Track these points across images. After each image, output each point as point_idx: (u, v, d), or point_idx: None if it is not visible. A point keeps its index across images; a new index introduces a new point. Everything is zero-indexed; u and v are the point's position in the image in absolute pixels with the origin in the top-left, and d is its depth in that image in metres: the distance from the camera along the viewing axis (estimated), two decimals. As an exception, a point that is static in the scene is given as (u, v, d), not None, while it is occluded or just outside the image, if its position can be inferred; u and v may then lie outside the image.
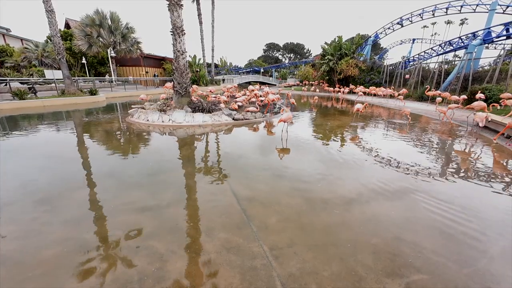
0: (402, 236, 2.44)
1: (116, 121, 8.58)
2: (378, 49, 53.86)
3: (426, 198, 3.23)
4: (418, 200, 3.19)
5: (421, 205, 3.07)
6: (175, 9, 8.18)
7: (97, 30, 21.40)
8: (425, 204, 3.08)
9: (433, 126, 8.19)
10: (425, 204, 3.09)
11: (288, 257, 2.14)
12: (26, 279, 1.89)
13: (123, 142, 6.05)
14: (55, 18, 12.71)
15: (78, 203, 3.04)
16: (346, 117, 9.89)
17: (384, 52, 49.92)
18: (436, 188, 3.53)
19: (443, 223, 2.68)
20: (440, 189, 3.50)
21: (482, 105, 7.47)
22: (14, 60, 21.75)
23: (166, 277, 1.91)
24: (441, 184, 3.67)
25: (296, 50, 71.10)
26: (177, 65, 8.68)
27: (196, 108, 8.53)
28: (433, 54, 20.42)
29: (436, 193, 3.38)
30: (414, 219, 2.77)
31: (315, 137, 6.62)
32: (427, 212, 2.91)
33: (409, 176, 3.91)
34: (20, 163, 4.43)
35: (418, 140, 6.28)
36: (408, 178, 3.84)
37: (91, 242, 2.32)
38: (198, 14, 26.78)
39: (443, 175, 4.00)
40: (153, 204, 3.00)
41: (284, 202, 3.07)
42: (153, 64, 32.44)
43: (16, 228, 2.52)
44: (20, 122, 8.40)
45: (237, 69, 53.05)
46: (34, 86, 13.97)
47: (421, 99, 15.03)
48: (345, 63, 21.26)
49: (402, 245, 2.30)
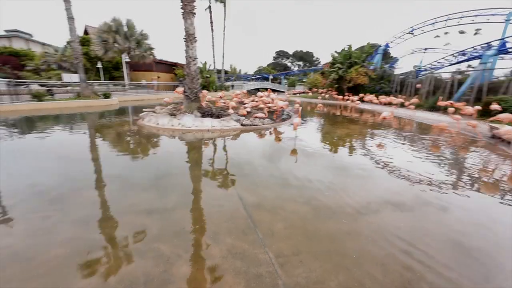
0: (412, 248, 2.36)
1: (127, 124, 8.80)
2: (389, 58, 53.37)
3: (439, 210, 3.13)
4: (429, 213, 3.09)
5: (433, 217, 2.98)
6: (189, 17, 8.43)
7: (113, 37, 22.27)
8: (438, 217, 2.98)
9: (446, 136, 7.98)
10: (437, 216, 3.00)
11: (294, 265, 2.11)
12: (35, 276, 1.94)
13: (133, 145, 6.18)
14: (74, 25, 13.34)
15: (87, 203, 3.11)
16: (355, 125, 9.79)
17: (395, 61, 49.38)
18: (450, 200, 3.42)
19: (456, 237, 2.59)
20: (454, 202, 3.38)
21: (510, 118, 7.17)
22: (35, 64, 22.82)
23: (171, 280, 1.91)
24: (455, 197, 3.55)
25: (305, 58, 71.52)
26: (189, 71, 8.89)
27: (205, 113, 8.65)
28: (446, 64, 20.10)
29: (449, 205, 3.27)
30: (425, 231, 2.68)
31: (323, 145, 6.57)
32: (440, 225, 2.81)
33: (421, 188, 3.80)
34: (34, 162, 4.59)
35: (430, 150, 6.13)
36: (420, 190, 3.74)
37: (99, 242, 2.36)
38: (210, 22, 27.52)
39: (458, 188, 3.87)
40: (160, 206, 3.04)
41: (291, 209, 3.04)
42: (165, 70, 33.25)
43: (28, 226, 2.60)
44: (37, 123, 8.73)
45: (246, 75, 53.72)
46: (52, 88, 14.57)
47: (432, 109, 14.72)
48: (354, 72, 21.16)
49: (412, 258, 2.23)
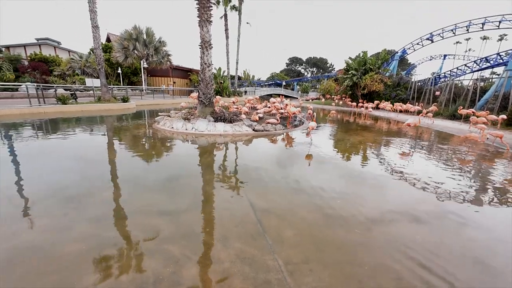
0: (430, 263, 2.24)
1: (143, 127, 9.10)
2: (406, 64, 52.16)
3: (460, 224, 2.97)
4: (449, 226, 2.93)
5: (454, 231, 2.82)
6: (205, 25, 8.70)
7: (133, 44, 23.34)
8: (458, 231, 2.83)
9: (467, 146, 7.60)
10: (458, 230, 2.84)
11: (303, 273, 2.06)
12: (52, 271, 2.02)
13: (148, 147, 6.37)
14: (98, 33, 14.13)
15: (102, 202, 3.22)
16: (369, 132, 9.55)
17: (412, 68, 48.20)
18: (472, 214, 3.23)
19: (479, 253, 2.43)
20: (476, 216, 3.20)
21: None
22: (61, 69, 24.31)
23: (180, 282, 1.93)
24: (478, 211, 3.35)
25: (319, 65, 71.23)
26: (203, 77, 9.11)
27: (218, 118, 8.79)
28: (467, 71, 19.29)
29: (472, 220, 3.09)
30: (445, 246, 2.54)
31: (336, 152, 6.45)
32: (460, 240, 2.66)
33: (440, 199, 3.63)
34: (56, 162, 4.84)
35: (451, 160, 5.85)
36: (439, 201, 3.56)
37: (112, 241, 2.43)
38: (225, 29, 28.15)
39: (481, 202, 3.66)
40: (171, 208, 3.09)
41: (301, 216, 2.99)
42: (181, 75, 34.26)
43: (48, 222, 2.73)
44: (60, 125, 9.23)
45: (259, 81, 54.20)
46: (75, 92, 15.42)
47: (453, 118, 14.10)
48: (369, 78, 20.77)
49: (430, 274, 2.11)
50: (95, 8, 13.64)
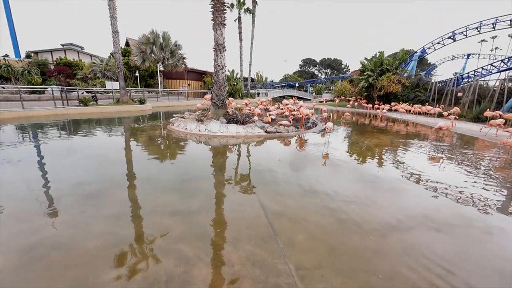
0: (450, 274, 2.12)
1: (158, 128, 9.36)
2: (425, 65, 50.07)
3: (484, 233, 2.79)
4: (472, 235, 2.76)
5: (477, 241, 2.65)
6: (219, 28, 8.83)
7: (150, 48, 24.17)
8: (482, 241, 2.66)
9: (493, 151, 7.14)
10: (481, 240, 2.67)
11: (314, 279, 2.02)
12: (72, 266, 2.12)
13: (163, 148, 6.54)
14: (118, 38, 14.76)
15: (118, 201, 3.34)
16: (384, 135, 9.24)
17: (432, 68, 46.19)
18: (497, 223, 3.03)
19: (505, 264, 2.27)
20: (502, 226, 2.99)
21: None
22: (84, 73, 25.63)
23: (191, 282, 1.95)
24: (504, 220, 3.13)
25: (333, 66, 70.02)
26: (217, 79, 9.24)
27: (230, 120, 8.87)
28: (493, 71, 18.17)
29: (497, 229, 2.89)
30: (466, 256, 2.39)
31: (350, 155, 6.29)
32: (484, 250, 2.49)
33: (462, 207, 3.43)
34: (76, 161, 5.09)
35: (474, 166, 5.52)
36: (461, 209, 3.37)
37: (127, 239, 2.51)
38: (239, 32, 28.46)
39: (508, 210, 3.42)
40: (184, 208, 3.14)
41: (314, 221, 2.93)
42: (195, 78, 35.00)
43: (69, 218, 2.87)
44: (82, 125, 9.71)
45: (272, 83, 54.18)
46: (96, 95, 16.17)
47: (477, 120, 13.33)
48: (386, 79, 20.10)
49: (451, 286, 1.99)
50: (115, 14, 14.27)
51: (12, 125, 9.12)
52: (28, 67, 19.86)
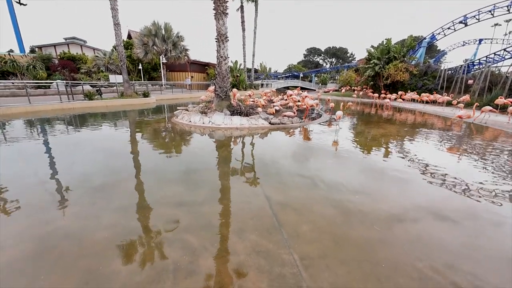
0: (457, 264, 2.11)
1: (162, 121, 9.40)
2: (434, 51, 48.48)
3: (493, 225, 2.75)
4: (481, 225, 2.73)
5: (486, 232, 2.62)
6: (221, 17, 8.65)
7: (153, 40, 23.93)
8: (491, 232, 2.62)
9: (507, 141, 6.96)
10: (491, 231, 2.63)
11: (319, 269, 2.04)
12: (83, 256, 2.18)
13: (167, 140, 6.58)
14: (120, 30, 14.64)
15: (126, 192, 3.39)
16: (390, 125, 9.08)
17: (442, 55, 44.67)
18: (507, 215, 2.98)
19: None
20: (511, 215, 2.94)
21: None
22: (87, 67, 25.68)
23: (197, 271, 2.00)
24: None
25: (339, 55, 68.43)
26: (219, 70, 9.14)
27: (234, 111, 8.82)
28: (507, 56, 17.47)
29: (506, 218, 2.85)
30: (474, 246, 2.37)
31: (356, 145, 6.22)
32: (493, 240, 2.47)
33: (471, 197, 3.38)
34: (84, 154, 5.17)
35: (484, 157, 5.41)
36: (469, 199, 3.32)
37: (135, 230, 2.57)
38: (242, 22, 27.83)
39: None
40: (189, 199, 3.18)
41: (318, 211, 2.94)
42: (198, 70, 34.71)
43: (80, 209, 2.94)
44: (87, 119, 9.82)
45: (276, 74, 53.37)
46: (100, 88, 16.25)
47: (487, 108, 12.94)
48: (393, 68, 19.55)
49: (457, 275, 1.99)
50: (116, 6, 14.09)
51: (20, 119, 9.28)
52: (33, 62, 19.96)
